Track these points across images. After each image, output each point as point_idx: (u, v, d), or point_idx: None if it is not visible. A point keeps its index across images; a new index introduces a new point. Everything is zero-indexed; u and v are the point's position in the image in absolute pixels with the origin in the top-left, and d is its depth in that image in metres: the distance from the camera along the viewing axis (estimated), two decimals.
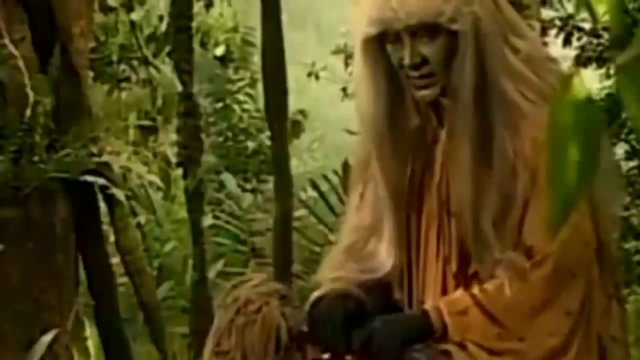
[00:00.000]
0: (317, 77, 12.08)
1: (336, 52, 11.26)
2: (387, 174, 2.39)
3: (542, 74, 2.30)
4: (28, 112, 4.63)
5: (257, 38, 8.15)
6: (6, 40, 4.69)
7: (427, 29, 2.27)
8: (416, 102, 2.37)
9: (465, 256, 2.32)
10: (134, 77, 8.62)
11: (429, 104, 2.35)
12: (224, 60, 10.81)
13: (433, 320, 2.26)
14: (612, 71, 7.62)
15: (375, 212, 2.44)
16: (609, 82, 7.79)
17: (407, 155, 2.39)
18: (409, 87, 2.33)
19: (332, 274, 2.45)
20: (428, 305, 2.30)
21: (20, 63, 4.66)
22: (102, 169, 4.88)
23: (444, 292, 2.34)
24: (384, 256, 2.42)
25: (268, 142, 9.45)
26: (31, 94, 4.64)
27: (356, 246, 2.47)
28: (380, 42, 2.33)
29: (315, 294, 2.40)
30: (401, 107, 2.37)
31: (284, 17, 5.19)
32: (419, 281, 2.39)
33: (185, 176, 5.60)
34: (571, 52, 7.94)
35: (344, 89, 11.96)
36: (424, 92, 2.31)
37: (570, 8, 7.67)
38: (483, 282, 2.28)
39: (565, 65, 7.97)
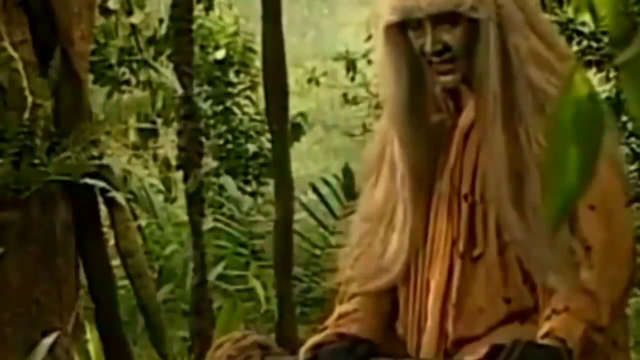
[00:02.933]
0: (317, 83, 12.09)
1: (337, 58, 11.29)
2: (408, 154, 2.40)
3: (563, 61, 2.32)
4: (26, 115, 4.63)
5: (257, 44, 8.16)
6: (6, 43, 4.69)
7: (449, 17, 2.29)
8: (441, 94, 2.39)
9: (473, 238, 2.33)
10: (133, 80, 8.62)
11: (448, 90, 2.36)
12: (224, 63, 10.82)
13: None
14: (611, 75, 7.62)
15: (388, 198, 2.46)
16: (608, 86, 7.79)
17: (426, 137, 2.40)
18: (431, 73, 2.34)
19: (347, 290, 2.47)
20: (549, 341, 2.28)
21: (20, 66, 4.66)
22: (103, 172, 4.88)
23: (450, 272, 2.36)
24: (394, 251, 2.42)
25: (268, 145, 9.45)
26: (30, 97, 4.64)
27: (365, 241, 2.48)
28: (402, 29, 2.34)
29: (313, 340, 2.42)
30: (422, 92, 2.40)
31: (285, 24, 5.19)
32: (426, 262, 2.40)
33: (185, 179, 5.59)
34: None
35: (344, 95, 11.98)
36: (445, 78, 2.33)
37: (570, 12, 7.67)
38: (507, 262, 2.30)
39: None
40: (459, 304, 2.34)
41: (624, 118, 7.29)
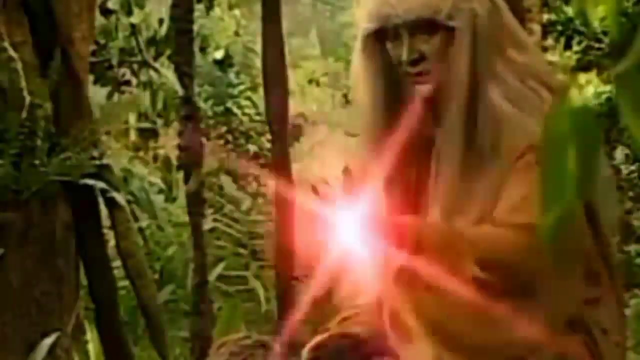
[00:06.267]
0: (317, 84, 12.13)
1: (338, 59, 11.33)
2: (383, 170, 2.39)
3: (534, 86, 2.30)
4: (24, 114, 4.63)
5: (258, 45, 8.16)
6: (6, 44, 4.69)
7: (426, 26, 2.29)
8: (417, 103, 2.38)
9: None
10: (134, 81, 8.62)
11: (426, 104, 2.35)
12: (222, 63, 10.81)
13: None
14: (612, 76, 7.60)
15: None
16: (609, 87, 7.79)
17: (404, 153, 2.39)
18: (407, 83, 2.34)
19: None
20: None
21: (19, 66, 4.65)
22: (103, 172, 4.88)
23: None
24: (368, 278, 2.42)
25: (269, 145, 9.44)
26: (27, 97, 4.64)
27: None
28: (380, 39, 2.34)
29: (316, 340, 2.43)
30: (399, 105, 2.38)
31: (287, 25, 5.20)
32: None
33: (186, 179, 5.59)
34: (573, 56, 7.94)
35: (344, 95, 12.01)
36: (421, 87, 2.32)
37: (570, 12, 7.67)
38: None
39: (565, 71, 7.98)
40: None
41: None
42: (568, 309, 2.26)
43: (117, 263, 5.29)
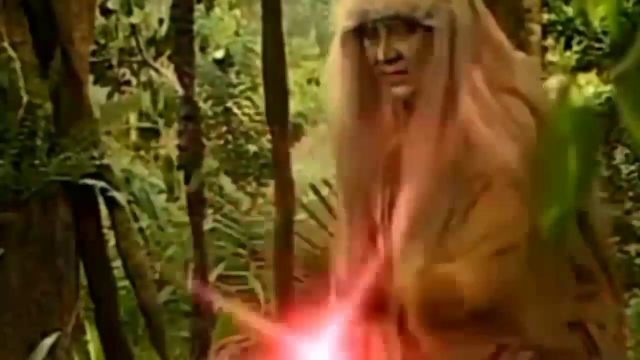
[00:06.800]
0: (317, 84, 12.11)
1: None
2: (348, 175, 2.38)
3: (504, 99, 2.26)
4: (20, 114, 4.63)
5: (258, 44, 8.17)
6: (6, 44, 4.69)
7: (404, 24, 2.26)
8: (394, 110, 2.35)
9: None
10: (134, 81, 8.63)
11: (405, 108, 2.33)
12: (222, 63, 10.80)
13: None
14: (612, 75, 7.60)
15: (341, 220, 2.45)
16: (609, 87, 7.78)
17: (373, 161, 2.37)
18: (385, 85, 2.31)
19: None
20: None
21: (17, 66, 4.65)
22: (103, 172, 4.89)
23: None
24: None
25: (269, 145, 9.44)
26: (25, 97, 4.64)
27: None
28: (359, 39, 2.33)
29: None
30: (374, 109, 2.36)
31: (287, 25, 5.19)
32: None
33: (186, 180, 5.59)
34: (573, 56, 7.94)
35: None
36: (398, 89, 2.29)
37: (571, 12, 7.67)
38: None
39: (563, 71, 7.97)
40: None
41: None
42: (554, 331, 2.25)
43: (117, 263, 5.29)
